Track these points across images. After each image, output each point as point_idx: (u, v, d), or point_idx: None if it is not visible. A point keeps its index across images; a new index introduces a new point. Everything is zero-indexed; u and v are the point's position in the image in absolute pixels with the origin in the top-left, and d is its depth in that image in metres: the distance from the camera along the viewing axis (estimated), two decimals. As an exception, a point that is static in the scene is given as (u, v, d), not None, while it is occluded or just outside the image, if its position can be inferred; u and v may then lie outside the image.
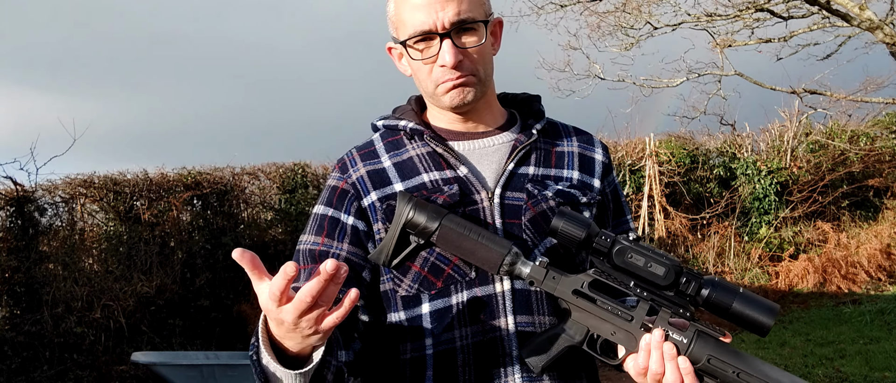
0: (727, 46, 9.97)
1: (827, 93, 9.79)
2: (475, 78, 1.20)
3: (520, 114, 1.35)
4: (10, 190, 6.29)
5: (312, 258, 1.21)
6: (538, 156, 1.27)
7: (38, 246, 6.41)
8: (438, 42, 1.16)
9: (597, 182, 1.31)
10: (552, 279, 1.10)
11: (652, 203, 8.84)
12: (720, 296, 1.04)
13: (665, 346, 1.04)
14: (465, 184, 1.21)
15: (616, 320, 1.08)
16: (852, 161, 10.05)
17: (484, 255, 1.10)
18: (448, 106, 1.22)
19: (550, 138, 1.32)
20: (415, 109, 1.31)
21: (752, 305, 1.03)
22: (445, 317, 1.16)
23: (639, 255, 1.05)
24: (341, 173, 1.27)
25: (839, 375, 5.26)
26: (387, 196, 1.21)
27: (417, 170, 1.23)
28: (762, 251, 9.61)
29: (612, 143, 9.80)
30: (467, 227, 1.11)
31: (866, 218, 10.23)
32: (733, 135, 10.49)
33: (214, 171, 7.59)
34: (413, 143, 1.26)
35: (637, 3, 9.78)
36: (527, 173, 1.24)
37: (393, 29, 1.24)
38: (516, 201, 1.21)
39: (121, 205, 6.97)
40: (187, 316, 6.78)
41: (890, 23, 8.70)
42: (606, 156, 1.35)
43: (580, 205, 1.24)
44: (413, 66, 1.22)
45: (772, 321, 1.03)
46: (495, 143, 1.27)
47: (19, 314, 6.09)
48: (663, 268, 1.04)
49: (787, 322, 7.60)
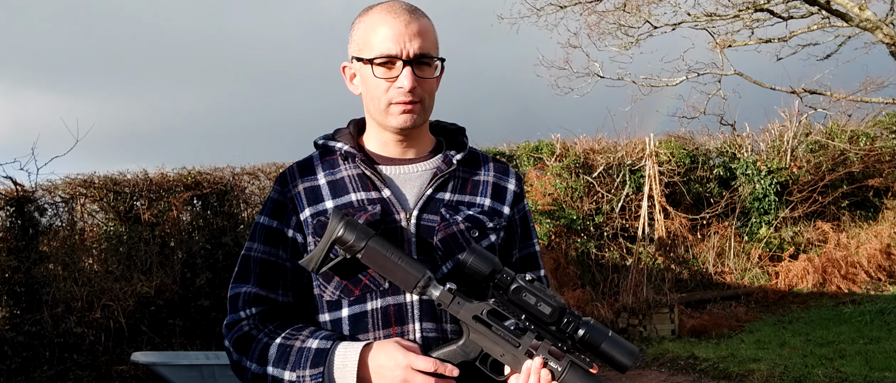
0: (727, 46, 9.97)
1: (827, 93, 9.79)
2: (421, 106, 1.37)
3: (447, 142, 1.51)
4: (10, 190, 6.29)
5: (263, 265, 1.39)
6: (455, 183, 1.44)
7: (38, 246, 6.41)
8: (400, 67, 1.33)
9: (506, 209, 1.48)
10: (457, 303, 1.28)
11: (652, 203, 8.84)
12: (592, 337, 1.25)
13: (542, 372, 1.25)
14: (387, 204, 1.37)
15: (506, 345, 1.27)
16: (852, 161, 10.05)
17: (402, 276, 1.27)
18: (394, 126, 1.37)
19: (470, 167, 1.48)
20: (352, 132, 1.47)
21: (617, 347, 1.25)
22: (361, 321, 1.34)
23: (531, 295, 1.25)
24: (282, 187, 1.43)
25: (839, 375, 5.26)
26: (319, 212, 1.38)
27: (347, 190, 1.39)
28: (762, 251, 9.62)
29: (612, 143, 9.81)
30: (389, 250, 1.27)
31: (866, 218, 10.24)
32: (733, 135, 10.49)
33: (214, 171, 7.59)
34: (346, 165, 1.42)
35: (637, 2, 9.78)
36: (443, 198, 1.41)
37: (355, 48, 1.38)
38: (431, 223, 1.37)
39: (121, 205, 6.97)
40: (187, 316, 6.78)
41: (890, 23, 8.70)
42: (519, 187, 1.52)
43: (487, 229, 1.41)
44: (370, 84, 1.36)
45: (631, 363, 1.25)
46: (419, 170, 1.43)
47: (19, 314, 6.09)
48: (549, 309, 1.24)
49: (787, 322, 7.60)
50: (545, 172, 9.56)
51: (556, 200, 9.29)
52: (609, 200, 9.49)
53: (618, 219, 9.43)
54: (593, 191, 9.49)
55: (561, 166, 9.47)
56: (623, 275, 8.74)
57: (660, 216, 8.83)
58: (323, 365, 1.25)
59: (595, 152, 9.69)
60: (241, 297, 1.38)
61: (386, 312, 1.33)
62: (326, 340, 1.28)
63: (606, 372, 6.32)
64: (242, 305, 1.37)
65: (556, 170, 9.47)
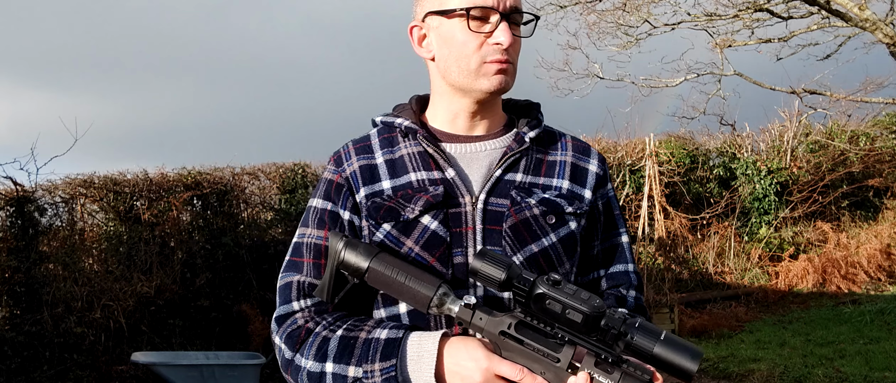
0: (727, 46, 9.97)
1: (827, 93, 9.79)
2: (513, 68, 1.23)
3: (519, 120, 1.35)
4: (10, 190, 6.28)
5: (317, 252, 1.24)
6: (528, 163, 1.28)
7: (38, 246, 6.41)
8: (497, 21, 1.19)
9: (588, 193, 1.30)
10: (479, 319, 1.09)
11: (652, 203, 8.84)
12: (641, 340, 1.01)
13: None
14: (450, 186, 1.22)
15: (543, 361, 1.07)
16: (852, 161, 10.05)
17: (412, 297, 1.11)
18: (485, 89, 1.22)
19: (544, 146, 1.32)
20: (414, 109, 1.32)
21: (674, 350, 1.01)
22: (422, 317, 1.19)
23: (556, 302, 1.03)
24: (336, 167, 1.29)
25: (839, 375, 5.26)
26: (375, 193, 1.24)
27: (407, 169, 1.25)
28: (762, 251, 9.61)
29: (612, 143, 9.81)
30: (394, 269, 1.12)
31: (866, 218, 10.24)
32: (733, 136, 10.49)
33: (214, 171, 7.59)
34: (406, 142, 1.28)
35: (636, 2, 9.78)
36: (514, 180, 1.25)
37: (436, 2, 1.23)
38: (500, 207, 1.22)
39: (121, 205, 6.97)
40: (187, 316, 6.78)
41: (890, 23, 8.70)
42: (602, 168, 1.34)
43: (566, 215, 1.25)
44: (457, 40, 1.21)
45: (695, 366, 1.00)
46: (487, 148, 1.28)
47: (19, 314, 6.09)
48: (581, 316, 1.02)
49: (787, 322, 7.60)
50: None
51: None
52: (609, 200, 9.48)
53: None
54: (593, 191, 9.48)
55: (561, 166, 9.46)
56: (623, 275, 8.72)
57: (660, 216, 8.83)
58: (395, 358, 1.09)
59: (595, 152, 9.68)
60: (295, 287, 1.22)
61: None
62: (397, 330, 1.13)
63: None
64: (297, 295, 1.21)
65: (556, 170, 9.47)
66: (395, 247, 1.20)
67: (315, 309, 1.21)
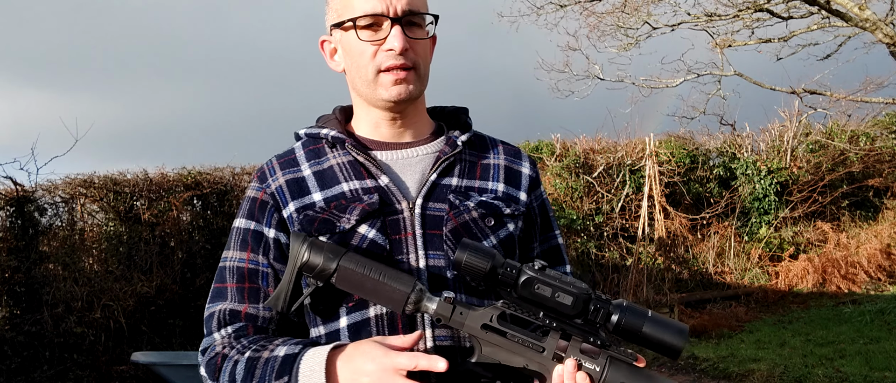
0: (727, 46, 9.97)
1: (827, 93, 9.79)
2: (415, 73, 1.19)
3: (448, 126, 1.33)
4: (10, 190, 6.29)
5: (240, 275, 1.20)
6: (462, 167, 1.26)
7: (38, 246, 6.41)
8: (388, 26, 1.16)
9: (523, 195, 1.30)
10: (459, 314, 1.06)
11: (652, 203, 8.84)
12: (629, 321, 1.01)
13: (578, 376, 1.03)
14: (385, 193, 1.19)
15: (527, 352, 1.05)
16: (852, 161, 10.05)
17: (387, 295, 1.06)
18: (385, 99, 1.19)
19: (477, 150, 1.30)
20: (339, 118, 1.29)
21: (662, 328, 1.01)
22: (363, 331, 1.15)
23: (545, 286, 1.02)
24: (260, 183, 1.25)
25: (839, 375, 5.26)
26: (305, 206, 1.19)
27: (337, 179, 1.21)
28: (762, 251, 9.61)
29: (612, 143, 9.81)
30: (367, 266, 1.07)
31: (866, 218, 10.24)
32: (733, 136, 10.49)
33: (214, 171, 7.59)
34: (334, 152, 1.24)
35: (636, 3, 9.78)
36: (450, 184, 1.23)
37: (334, 16, 1.22)
38: (438, 212, 1.19)
39: (121, 205, 6.97)
40: (187, 316, 6.78)
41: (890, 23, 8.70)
42: (534, 171, 1.34)
43: (504, 217, 1.23)
44: (354, 51, 1.19)
45: (683, 343, 1.01)
46: (419, 154, 1.26)
47: (19, 314, 6.09)
48: (571, 298, 1.02)
49: (787, 322, 7.60)
50: (545, 172, 9.56)
51: (556, 200, 9.30)
52: (609, 200, 9.49)
53: (618, 219, 9.43)
54: (593, 191, 9.49)
55: (561, 166, 9.47)
56: (623, 275, 8.75)
57: (660, 216, 8.83)
58: (288, 375, 1.05)
59: (595, 152, 9.69)
60: (216, 317, 1.18)
61: (392, 319, 1.15)
62: (297, 345, 1.09)
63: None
64: (218, 325, 1.18)
65: (556, 171, 9.47)
66: None
67: (234, 334, 1.17)
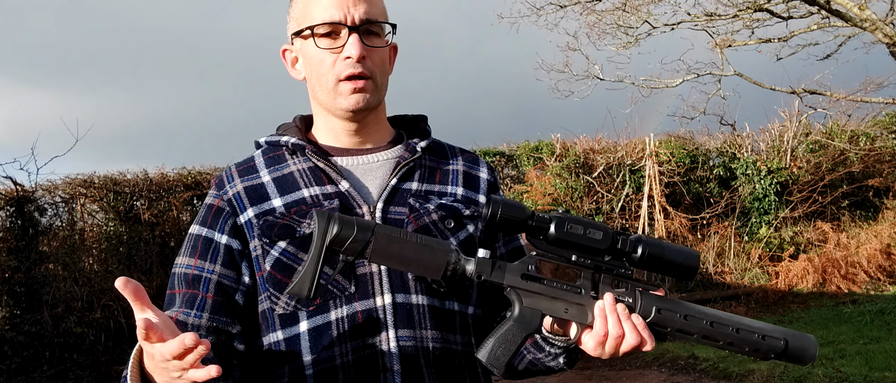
0: (727, 46, 9.98)
1: (827, 93, 9.80)
2: (372, 82, 1.20)
3: (407, 133, 1.35)
4: (10, 190, 6.29)
5: (186, 281, 1.19)
6: (422, 172, 1.28)
7: (38, 246, 6.41)
8: (346, 35, 1.17)
9: (482, 198, 1.31)
10: (499, 269, 1.08)
11: (652, 203, 8.84)
12: (653, 251, 1.08)
13: (618, 308, 1.07)
14: (346, 198, 1.20)
15: (567, 296, 1.09)
16: (852, 161, 10.05)
17: (429, 259, 1.04)
18: (344, 108, 1.20)
19: (436, 157, 1.32)
20: (299, 126, 1.30)
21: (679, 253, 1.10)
22: (324, 335, 1.13)
23: (577, 224, 1.07)
24: (217, 190, 1.25)
25: (839, 375, 5.26)
26: (265, 212, 1.19)
27: (297, 185, 1.21)
28: (762, 251, 9.61)
29: (612, 143, 9.81)
30: (402, 233, 1.04)
31: (866, 218, 10.24)
32: (733, 135, 10.49)
33: (214, 171, 7.59)
34: (295, 159, 1.25)
35: (636, 2, 9.79)
36: (410, 188, 1.24)
37: (294, 25, 1.23)
38: (399, 215, 1.20)
39: (121, 205, 6.97)
40: (187, 316, 6.79)
41: (890, 23, 8.70)
42: (492, 176, 1.36)
43: (463, 218, 1.24)
44: (314, 60, 1.20)
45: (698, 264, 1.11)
46: (379, 159, 1.27)
47: (19, 314, 6.09)
48: (601, 232, 1.07)
49: (787, 322, 7.60)
50: (545, 172, 9.56)
51: (556, 200, 9.30)
52: (609, 200, 9.49)
53: (618, 219, 9.43)
54: (593, 191, 9.50)
55: (561, 166, 9.48)
56: (623, 275, 8.73)
57: (660, 216, 8.83)
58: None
59: (595, 152, 9.69)
60: None
61: (353, 321, 1.13)
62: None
63: (605, 372, 6.33)
64: None
65: (556, 170, 9.48)
66: (293, 263, 1.15)
67: None
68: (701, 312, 1.10)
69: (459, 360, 1.20)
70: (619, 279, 1.11)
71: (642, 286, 1.11)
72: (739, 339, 1.10)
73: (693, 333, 1.10)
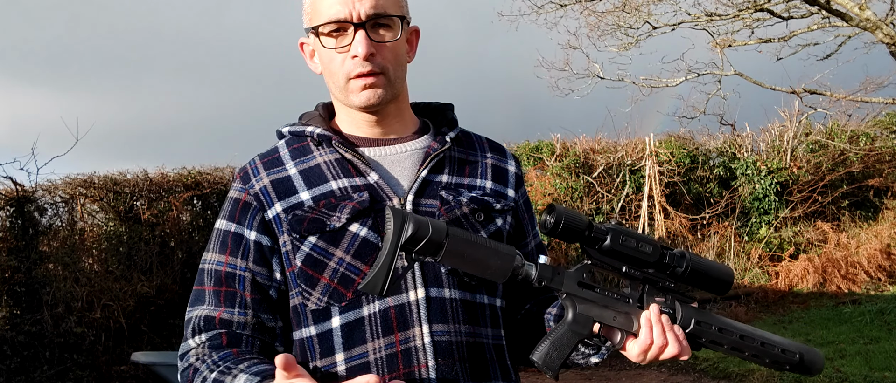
0: (727, 46, 9.98)
1: (827, 93, 9.80)
2: (384, 77, 1.17)
3: (433, 122, 1.32)
4: (10, 190, 6.29)
5: (217, 279, 1.18)
6: (451, 164, 1.25)
7: (38, 246, 6.41)
8: (353, 32, 1.14)
9: (511, 191, 1.30)
10: (558, 275, 1.11)
11: (652, 203, 8.85)
12: (696, 265, 1.15)
13: (663, 318, 1.12)
14: (375, 190, 1.17)
15: (616, 305, 1.14)
16: (852, 161, 10.05)
17: (496, 264, 1.06)
18: (357, 105, 1.19)
19: (464, 148, 1.30)
20: (322, 115, 1.28)
21: (719, 269, 1.18)
22: (357, 330, 1.13)
23: (630, 237, 1.12)
24: (243, 184, 1.22)
25: (839, 375, 5.26)
26: (293, 206, 1.17)
27: (325, 178, 1.19)
28: (762, 251, 9.61)
29: (612, 143, 9.81)
30: (472, 236, 1.05)
31: (866, 218, 10.24)
32: (733, 135, 10.49)
33: (214, 171, 7.59)
34: (320, 150, 1.22)
35: (636, 2, 9.78)
36: (440, 181, 1.22)
37: (307, 20, 1.21)
38: (430, 208, 1.18)
39: (121, 205, 6.97)
40: (187, 316, 6.79)
41: (890, 23, 8.70)
42: (519, 169, 1.35)
43: (493, 212, 1.24)
44: (324, 58, 1.19)
45: (732, 278, 1.19)
46: (408, 150, 1.24)
47: (19, 314, 6.09)
48: (651, 247, 1.13)
49: (787, 322, 7.60)
50: (545, 172, 9.56)
51: (556, 200, 9.30)
52: (609, 200, 9.49)
53: (618, 219, 9.43)
54: (593, 192, 9.50)
55: (561, 166, 9.47)
56: (623, 274, 8.73)
57: (660, 216, 8.83)
58: None
59: (595, 152, 9.69)
60: (193, 323, 1.16)
61: (386, 316, 1.12)
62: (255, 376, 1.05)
63: (605, 372, 6.32)
64: (193, 331, 1.16)
65: (556, 170, 9.48)
66: (324, 258, 1.14)
67: (208, 343, 1.14)
68: (732, 326, 1.18)
69: (490, 353, 1.20)
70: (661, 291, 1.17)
71: (683, 297, 1.17)
72: (762, 352, 1.19)
73: (724, 344, 1.17)
